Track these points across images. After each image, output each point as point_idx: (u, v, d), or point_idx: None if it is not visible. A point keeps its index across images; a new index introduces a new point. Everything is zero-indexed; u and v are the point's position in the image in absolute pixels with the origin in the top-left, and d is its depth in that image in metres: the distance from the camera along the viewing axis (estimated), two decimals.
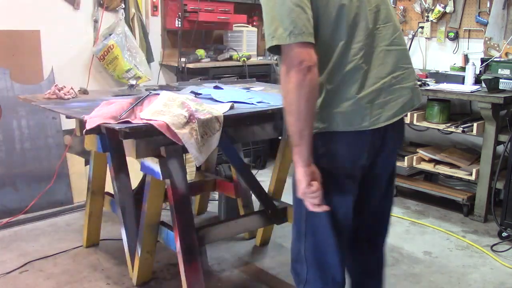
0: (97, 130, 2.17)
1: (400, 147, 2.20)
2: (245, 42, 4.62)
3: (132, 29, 4.02)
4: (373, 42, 1.61)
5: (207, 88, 2.97)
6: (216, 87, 3.04)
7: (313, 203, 1.58)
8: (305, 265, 1.76)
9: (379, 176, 1.79)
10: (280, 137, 2.75)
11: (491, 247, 3.14)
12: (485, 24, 3.77)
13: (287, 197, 3.06)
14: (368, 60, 1.59)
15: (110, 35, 3.84)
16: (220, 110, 2.31)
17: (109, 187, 2.77)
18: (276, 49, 1.47)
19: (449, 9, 3.94)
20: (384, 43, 1.63)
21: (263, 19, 1.52)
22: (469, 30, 3.90)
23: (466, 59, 3.90)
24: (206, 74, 4.19)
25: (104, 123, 2.09)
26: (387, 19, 1.65)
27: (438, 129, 3.73)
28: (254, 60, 4.64)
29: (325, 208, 1.58)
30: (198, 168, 3.47)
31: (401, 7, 4.26)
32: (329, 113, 1.57)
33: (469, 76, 3.54)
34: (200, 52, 4.30)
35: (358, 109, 1.57)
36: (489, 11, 3.73)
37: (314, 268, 1.74)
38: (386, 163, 1.78)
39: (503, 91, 3.29)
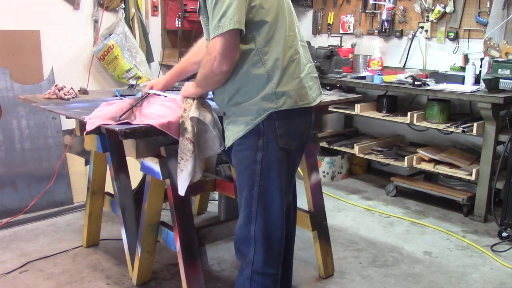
0: (97, 130, 2.16)
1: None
2: None
3: (132, 29, 4.02)
4: None
5: None
6: None
7: None
8: (253, 247, 1.91)
9: None
10: None
11: (491, 247, 3.14)
12: (485, 24, 3.76)
13: None
14: None
15: (110, 35, 3.85)
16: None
17: (109, 187, 2.77)
18: None
19: (449, 9, 3.94)
20: None
21: None
22: (469, 30, 3.89)
23: (466, 59, 3.90)
24: None
25: (104, 124, 2.09)
26: None
27: (438, 129, 3.72)
28: None
29: None
30: None
31: (401, 7, 4.25)
32: None
33: (469, 76, 3.54)
34: None
35: None
36: (489, 11, 3.72)
37: (262, 248, 1.92)
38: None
39: (503, 91, 3.29)
